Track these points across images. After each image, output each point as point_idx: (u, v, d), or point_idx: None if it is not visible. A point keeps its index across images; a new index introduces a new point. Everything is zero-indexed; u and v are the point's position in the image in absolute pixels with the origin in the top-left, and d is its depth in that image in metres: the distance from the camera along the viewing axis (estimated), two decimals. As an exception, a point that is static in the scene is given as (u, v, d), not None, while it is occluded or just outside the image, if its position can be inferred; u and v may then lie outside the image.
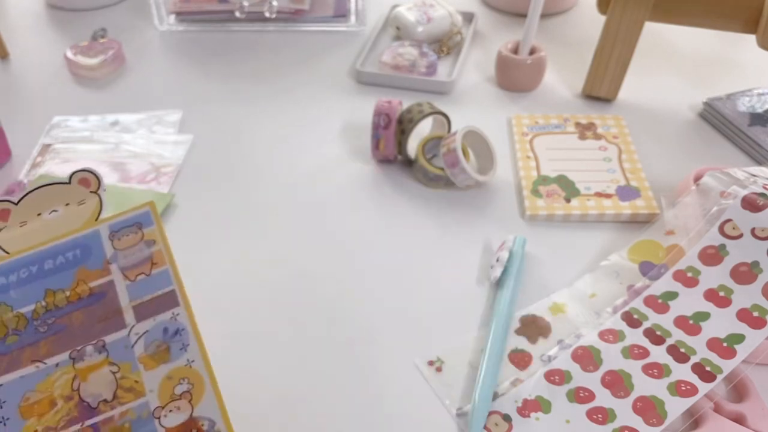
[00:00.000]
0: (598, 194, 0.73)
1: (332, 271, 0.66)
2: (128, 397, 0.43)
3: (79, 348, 0.44)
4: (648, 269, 0.64)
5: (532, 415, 0.53)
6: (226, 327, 0.60)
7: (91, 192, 0.51)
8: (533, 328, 0.61)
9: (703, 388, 0.53)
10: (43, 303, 0.45)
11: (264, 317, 0.62)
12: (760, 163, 0.77)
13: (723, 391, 0.55)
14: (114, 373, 0.44)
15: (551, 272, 0.66)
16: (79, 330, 0.45)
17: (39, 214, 0.50)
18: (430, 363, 0.58)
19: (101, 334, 0.44)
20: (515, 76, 0.90)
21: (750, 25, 0.78)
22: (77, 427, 0.42)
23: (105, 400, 0.43)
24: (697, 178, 0.67)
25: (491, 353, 0.57)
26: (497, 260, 0.65)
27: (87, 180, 0.51)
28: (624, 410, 0.53)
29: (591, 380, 0.55)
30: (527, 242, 0.68)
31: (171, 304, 0.45)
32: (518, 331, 0.60)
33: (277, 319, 0.62)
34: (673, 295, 0.59)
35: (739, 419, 0.53)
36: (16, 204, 0.50)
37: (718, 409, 0.53)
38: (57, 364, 0.44)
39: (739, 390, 0.55)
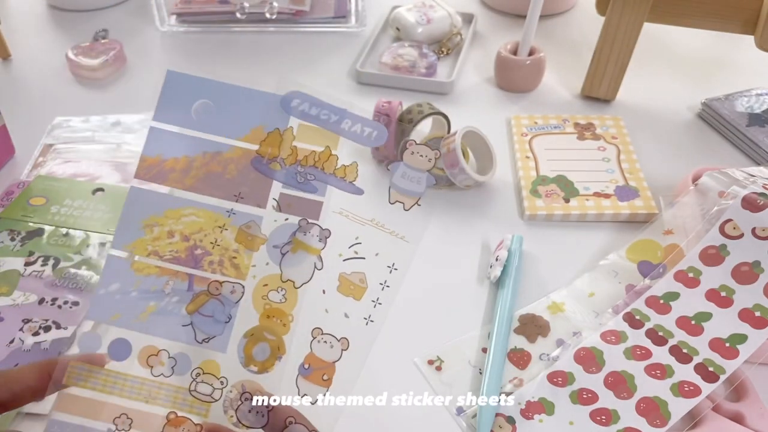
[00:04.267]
0: (597, 194, 0.73)
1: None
2: (231, 272, 0.43)
3: (222, 197, 0.44)
4: (646, 269, 0.64)
5: (536, 416, 0.53)
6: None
7: None
8: (532, 327, 0.61)
9: (707, 388, 0.54)
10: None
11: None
12: (758, 164, 0.78)
13: (722, 391, 0.55)
14: (225, 241, 0.44)
15: (550, 271, 0.67)
16: (227, 183, 0.44)
17: None
18: (430, 362, 0.59)
19: (232, 201, 0.44)
20: (514, 76, 0.90)
21: (748, 26, 0.78)
22: (177, 268, 0.43)
23: (211, 261, 0.43)
24: (696, 179, 0.67)
25: (495, 354, 0.57)
26: (496, 259, 0.65)
27: None
28: (627, 411, 0.53)
29: (594, 381, 0.55)
30: (526, 242, 0.68)
31: (312, 214, 0.44)
32: (517, 330, 0.61)
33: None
34: (674, 296, 0.59)
35: (737, 418, 0.53)
36: None
37: (716, 409, 0.54)
38: (192, 202, 0.44)
39: (737, 389, 0.56)
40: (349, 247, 0.45)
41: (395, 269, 0.44)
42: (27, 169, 0.78)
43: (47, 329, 0.59)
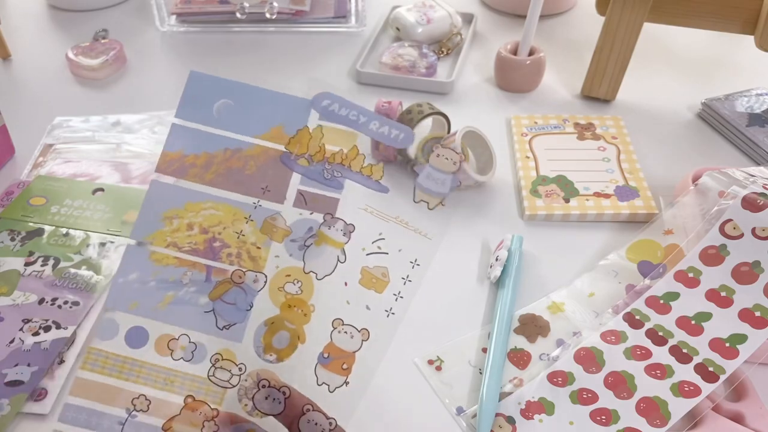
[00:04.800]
0: (597, 194, 0.73)
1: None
2: (248, 264, 0.45)
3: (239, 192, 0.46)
4: (646, 269, 0.64)
5: (536, 416, 0.53)
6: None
7: None
8: (532, 327, 0.61)
9: (706, 388, 0.54)
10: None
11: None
12: (758, 164, 0.78)
13: (722, 391, 0.55)
14: (245, 234, 0.45)
15: (550, 271, 0.67)
16: (247, 179, 0.46)
17: None
18: (430, 362, 0.59)
19: (257, 195, 0.46)
20: (514, 76, 0.90)
21: (748, 26, 0.78)
22: (195, 259, 0.45)
23: (230, 254, 0.45)
24: (696, 179, 0.67)
25: (495, 354, 0.57)
26: (496, 259, 0.65)
27: None
28: (627, 411, 0.53)
29: (594, 381, 0.55)
30: (526, 242, 0.68)
31: (330, 209, 0.46)
32: (517, 330, 0.61)
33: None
34: (674, 296, 0.59)
35: (737, 418, 0.53)
36: None
37: (716, 409, 0.54)
38: (212, 196, 0.46)
39: (737, 389, 0.56)
40: (373, 242, 0.46)
41: (417, 265, 0.46)
42: (27, 169, 0.78)
43: (47, 329, 0.59)
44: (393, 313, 0.45)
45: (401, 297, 0.45)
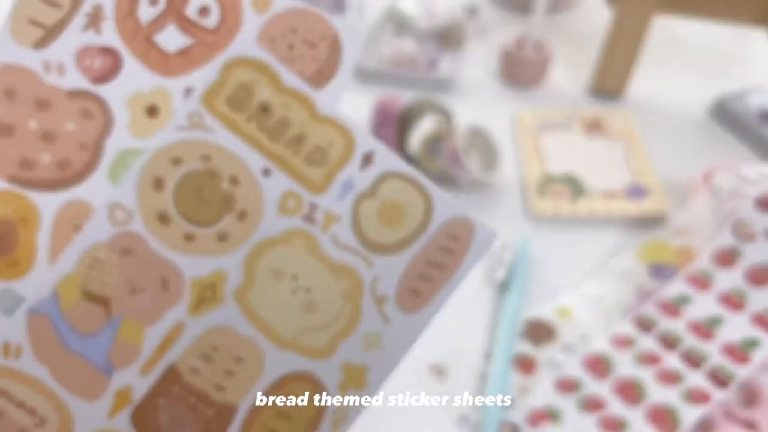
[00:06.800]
0: (606, 193, 0.72)
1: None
2: None
3: None
4: (657, 270, 0.63)
5: (542, 424, 0.53)
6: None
7: None
8: (538, 331, 0.60)
9: (718, 394, 0.53)
10: None
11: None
12: (771, 162, 0.77)
13: (734, 397, 0.54)
14: None
15: (557, 274, 0.66)
16: None
17: None
18: (433, 367, 0.58)
19: None
20: (520, 71, 0.89)
21: (761, 18, 0.76)
22: None
23: None
24: (707, 177, 0.66)
25: (500, 360, 0.57)
26: (501, 261, 0.64)
27: None
28: (636, 419, 0.52)
29: (602, 388, 0.55)
30: (532, 243, 0.67)
31: None
32: (523, 335, 0.60)
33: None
34: (685, 299, 0.58)
35: (750, 425, 0.52)
36: None
37: (728, 415, 0.53)
38: None
39: (749, 395, 0.55)
40: None
41: None
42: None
43: None
44: None
45: None
